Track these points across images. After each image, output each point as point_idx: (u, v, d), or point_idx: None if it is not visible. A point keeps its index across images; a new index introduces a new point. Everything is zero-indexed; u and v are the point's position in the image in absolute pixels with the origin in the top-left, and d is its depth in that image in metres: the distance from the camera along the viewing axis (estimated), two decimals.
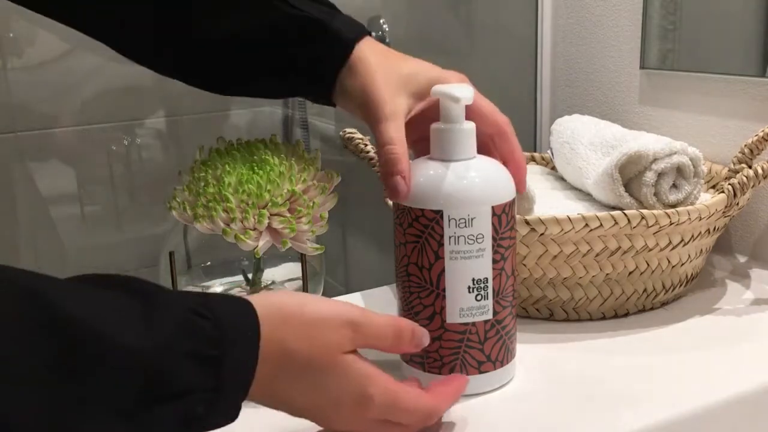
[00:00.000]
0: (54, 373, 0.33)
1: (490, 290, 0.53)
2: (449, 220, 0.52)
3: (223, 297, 0.42)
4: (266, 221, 0.54)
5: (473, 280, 0.53)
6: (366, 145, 0.78)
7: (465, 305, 0.53)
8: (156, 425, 0.37)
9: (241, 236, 0.54)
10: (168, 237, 0.62)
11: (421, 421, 0.48)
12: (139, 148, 1.43)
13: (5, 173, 1.32)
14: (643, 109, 0.94)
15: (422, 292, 0.54)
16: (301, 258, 0.58)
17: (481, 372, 0.55)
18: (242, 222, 0.54)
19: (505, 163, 0.56)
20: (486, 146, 0.57)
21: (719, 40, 0.86)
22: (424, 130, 0.55)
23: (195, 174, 0.58)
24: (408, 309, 0.55)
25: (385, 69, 0.56)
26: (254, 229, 0.54)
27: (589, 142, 0.79)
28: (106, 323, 0.35)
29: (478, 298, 0.53)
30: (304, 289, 0.59)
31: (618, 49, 0.96)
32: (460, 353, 0.54)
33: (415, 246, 0.53)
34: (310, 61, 0.58)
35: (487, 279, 0.53)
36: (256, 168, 0.57)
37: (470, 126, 0.53)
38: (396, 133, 0.54)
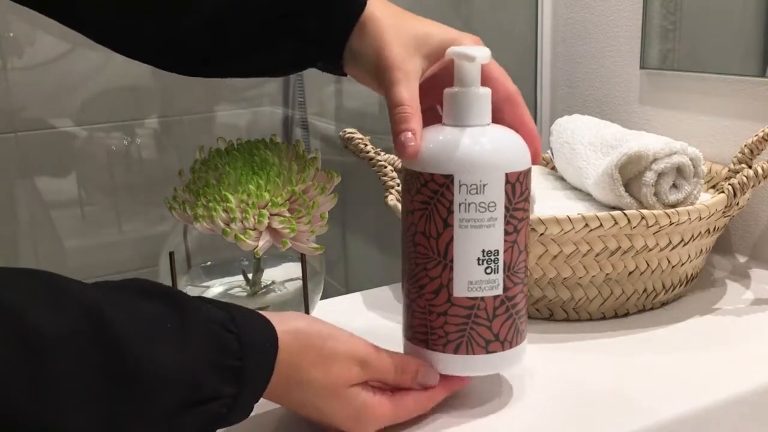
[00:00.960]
0: (105, 388, 0.38)
1: (501, 263, 0.50)
2: (460, 186, 0.49)
3: (249, 313, 0.46)
4: (266, 221, 0.54)
5: (483, 251, 0.50)
6: (366, 145, 0.78)
7: (474, 278, 0.50)
8: (188, 427, 0.42)
9: (241, 236, 0.54)
10: (168, 237, 0.62)
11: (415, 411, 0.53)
12: (139, 148, 1.43)
13: (5, 173, 1.32)
14: (643, 109, 0.94)
15: (429, 263, 0.51)
16: (301, 258, 0.58)
17: (488, 352, 0.51)
18: (242, 222, 0.54)
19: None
20: (494, 115, 0.53)
21: (719, 40, 0.86)
22: (434, 98, 0.53)
23: (195, 174, 0.58)
24: (413, 283, 0.52)
25: (397, 29, 0.54)
26: (254, 229, 0.54)
27: (589, 142, 0.79)
28: (151, 342, 0.40)
29: (488, 271, 0.50)
30: (304, 289, 0.59)
31: (618, 49, 0.96)
32: (467, 330, 0.51)
33: (423, 213, 0.50)
34: (318, 23, 0.55)
35: (498, 251, 0.50)
36: (256, 168, 0.57)
37: (486, 91, 0.51)
38: (408, 95, 0.51)
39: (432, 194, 0.50)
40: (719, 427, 0.56)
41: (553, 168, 0.91)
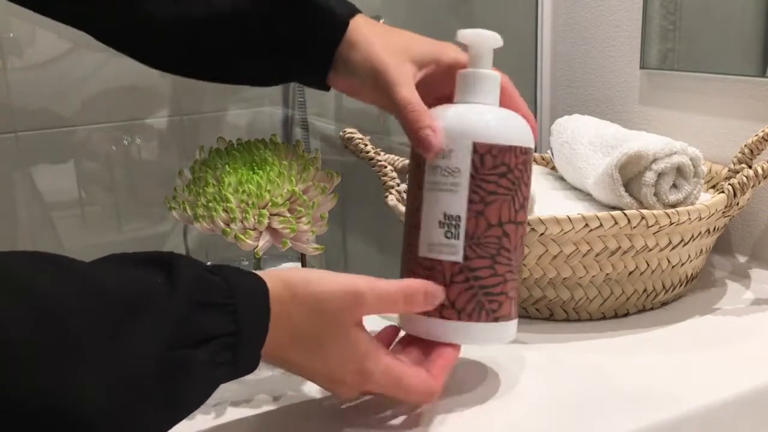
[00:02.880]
0: (102, 332, 0.38)
1: (462, 230, 0.51)
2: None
3: (232, 267, 0.46)
4: (266, 221, 0.54)
5: (444, 214, 0.51)
6: (366, 145, 0.78)
7: (434, 240, 0.51)
8: (189, 367, 0.41)
9: (241, 236, 0.54)
10: (168, 237, 0.62)
11: (418, 401, 0.52)
12: (139, 148, 1.43)
13: (5, 173, 1.32)
14: (643, 109, 0.94)
15: (409, 222, 0.54)
16: (301, 258, 0.58)
17: (442, 317, 0.52)
18: (242, 222, 0.54)
19: None
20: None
21: (719, 40, 0.86)
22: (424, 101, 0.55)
23: (195, 174, 0.58)
24: (403, 241, 0.55)
25: (382, 40, 0.56)
26: (254, 229, 0.54)
27: (589, 142, 0.79)
28: (137, 291, 0.41)
29: (448, 235, 0.51)
30: None
31: (618, 49, 0.96)
32: None
33: (412, 176, 0.54)
34: (304, 40, 0.57)
35: (459, 217, 0.51)
36: (256, 168, 0.57)
37: (493, 74, 0.53)
38: (409, 94, 0.53)
39: (419, 160, 0.52)
40: (719, 427, 0.56)
41: (553, 168, 0.91)
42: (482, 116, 0.52)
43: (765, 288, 0.75)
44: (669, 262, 0.68)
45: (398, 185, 0.74)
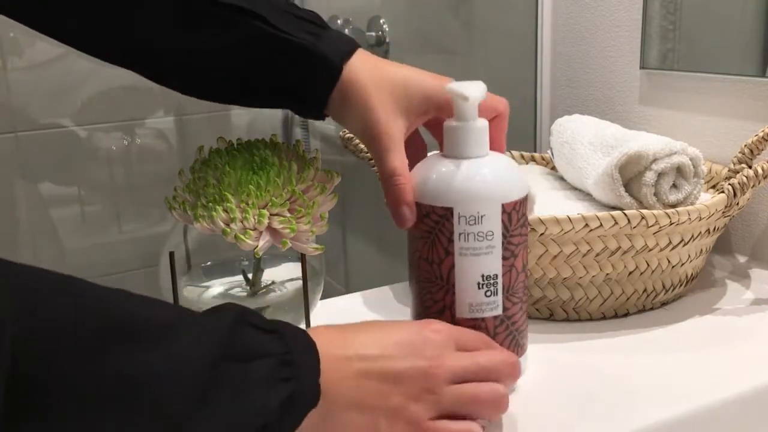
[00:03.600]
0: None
1: (499, 286, 0.54)
2: (459, 218, 0.52)
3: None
4: (266, 221, 0.54)
5: (483, 276, 0.53)
6: None
7: (474, 301, 0.54)
8: (244, 379, 0.41)
9: (241, 236, 0.54)
10: (168, 237, 0.62)
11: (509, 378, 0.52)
12: (139, 148, 1.43)
13: (5, 173, 1.32)
14: (643, 109, 0.94)
15: (433, 287, 0.54)
16: (301, 258, 0.58)
17: None
18: (242, 222, 0.54)
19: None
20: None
21: (719, 40, 0.86)
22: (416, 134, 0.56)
23: (195, 174, 0.58)
24: (420, 303, 0.56)
25: (379, 91, 0.55)
26: (254, 229, 0.54)
27: (589, 142, 0.79)
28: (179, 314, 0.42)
29: (488, 294, 0.54)
30: (304, 289, 0.59)
31: (618, 49, 0.96)
32: None
33: (426, 241, 0.54)
34: (296, 87, 0.56)
35: (496, 275, 0.53)
36: (256, 168, 0.57)
37: (483, 124, 0.53)
38: (399, 162, 0.54)
39: (434, 224, 0.53)
40: (719, 427, 0.56)
41: (553, 168, 0.91)
42: (503, 175, 0.53)
43: (765, 288, 0.75)
44: (669, 262, 0.68)
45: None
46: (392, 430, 0.47)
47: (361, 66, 0.56)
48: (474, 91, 0.52)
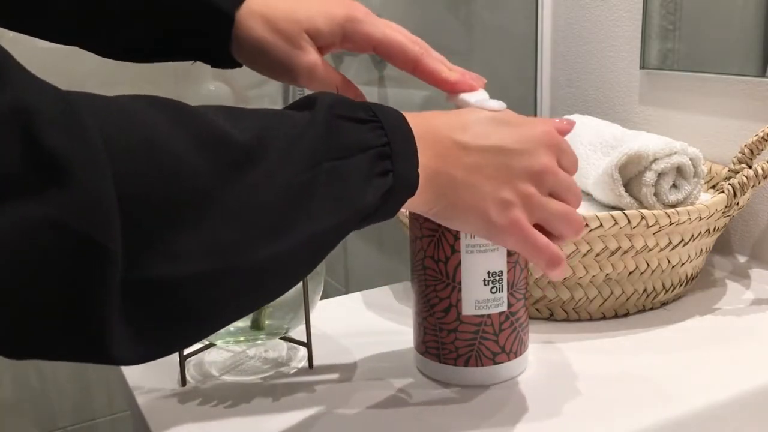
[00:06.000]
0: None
1: (504, 283, 0.55)
2: None
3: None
4: None
5: (488, 272, 0.54)
6: None
7: (480, 297, 0.54)
8: (353, 172, 0.41)
9: None
10: None
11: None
12: None
13: None
14: (643, 109, 0.94)
15: (438, 285, 0.55)
16: None
17: (495, 363, 0.56)
18: None
19: (436, 84, 0.54)
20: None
21: (719, 40, 0.86)
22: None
23: None
24: (424, 302, 0.56)
25: (274, 34, 0.53)
26: None
27: (589, 142, 0.79)
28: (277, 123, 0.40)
29: (493, 290, 0.54)
30: (304, 289, 0.59)
31: (618, 49, 0.96)
32: (476, 345, 0.55)
33: (431, 240, 0.54)
34: (198, 41, 0.55)
35: (502, 272, 0.54)
36: None
37: None
38: (324, 85, 0.53)
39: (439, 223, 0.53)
40: (719, 427, 0.56)
41: None
42: None
43: (765, 288, 0.75)
44: (669, 262, 0.68)
45: None
46: (503, 199, 0.46)
47: (253, 8, 0.54)
48: (497, 105, 0.51)
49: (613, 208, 0.73)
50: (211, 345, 0.62)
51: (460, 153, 0.46)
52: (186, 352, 0.60)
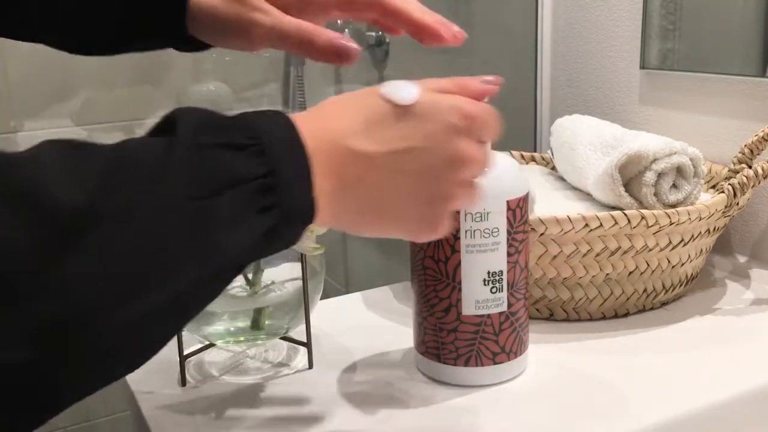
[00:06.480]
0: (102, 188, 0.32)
1: (504, 283, 0.55)
2: (465, 215, 0.53)
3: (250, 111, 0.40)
4: None
5: (488, 272, 0.54)
6: None
7: (480, 297, 0.54)
8: (224, 215, 0.35)
9: None
10: None
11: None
12: None
13: None
14: (643, 109, 0.94)
15: (438, 285, 0.55)
16: (301, 258, 0.58)
17: (495, 363, 0.56)
18: None
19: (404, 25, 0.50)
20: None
21: (719, 40, 0.86)
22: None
23: None
24: (424, 302, 0.56)
25: (227, 6, 0.49)
26: None
27: (589, 142, 0.79)
28: (135, 146, 0.35)
29: (493, 290, 0.54)
30: (304, 289, 0.59)
31: (618, 49, 0.96)
32: (476, 344, 0.55)
33: (435, 243, 0.54)
34: (156, 24, 0.52)
35: (501, 272, 0.54)
36: None
37: None
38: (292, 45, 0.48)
39: None
40: (719, 427, 0.56)
41: (553, 168, 0.91)
42: (506, 173, 0.54)
43: (765, 288, 0.75)
44: (669, 262, 0.68)
45: None
46: (420, 210, 0.43)
47: None
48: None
49: (613, 208, 0.73)
50: (211, 345, 0.62)
51: (363, 165, 0.41)
52: (186, 352, 0.60)
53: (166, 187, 0.34)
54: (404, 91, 0.43)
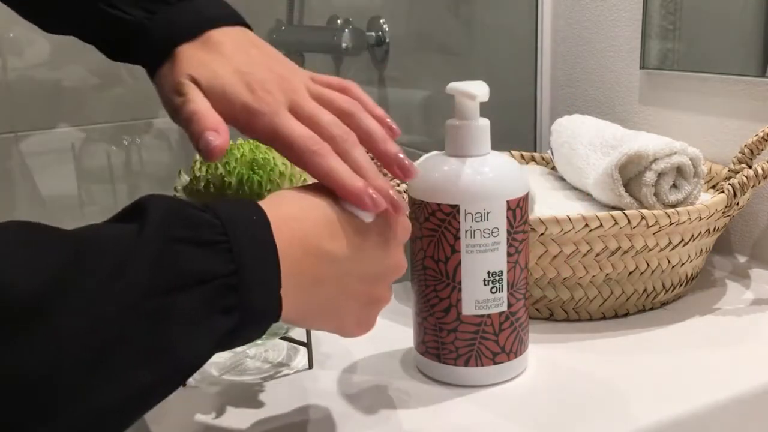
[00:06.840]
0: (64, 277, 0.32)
1: (504, 283, 0.55)
2: (465, 215, 0.53)
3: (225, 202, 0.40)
4: None
5: (488, 272, 0.54)
6: None
7: (480, 297, 0.54)
8: (183, 314, 0.34)
9: None
10: None
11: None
12: (140, 148, 1.43)
13: (5, 173, 1.32)
14: (643, 109, 0.94)
15: (438, 284, 0.55)
16: None
17: (495, 363, 0.56)
18: None
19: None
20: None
21: (719, 40, 0.86)
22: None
23: (195, 174, 0.58)
24: (424, 302, 0.56)
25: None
26: None
27: (589, 142, 0.79)
28: (101, 232, 0.35)
29: (493, 290, 0.54)
30: None
31: (618, 49, 0.96)
32: (476, 344, 0.55)
33: (431, 240, 0.54)
34: (136, 61, 0.52)
35: (502, 272, 0.54)
36: (256, 168, 0.57)
37: (485, 122, 0.54)
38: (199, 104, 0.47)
39: (439, 222, 0.54)
40: (719, 428, 0.56)
41: (553, 168, 0.91)
42: (506, 172, 0.54)
43: (765, 288, 0.75)
44: (669, 262, 0.68)
45: (398, 185, 0.74)
46: (359, 314, 0.47)
47: (189, 55, 0.49)
48: (479, 89, 0.53)
49: (613, 208, 0.73)
50: None
51: (326, 265, 0.42)
52: None
53: (125, 283, 0.33)
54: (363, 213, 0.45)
